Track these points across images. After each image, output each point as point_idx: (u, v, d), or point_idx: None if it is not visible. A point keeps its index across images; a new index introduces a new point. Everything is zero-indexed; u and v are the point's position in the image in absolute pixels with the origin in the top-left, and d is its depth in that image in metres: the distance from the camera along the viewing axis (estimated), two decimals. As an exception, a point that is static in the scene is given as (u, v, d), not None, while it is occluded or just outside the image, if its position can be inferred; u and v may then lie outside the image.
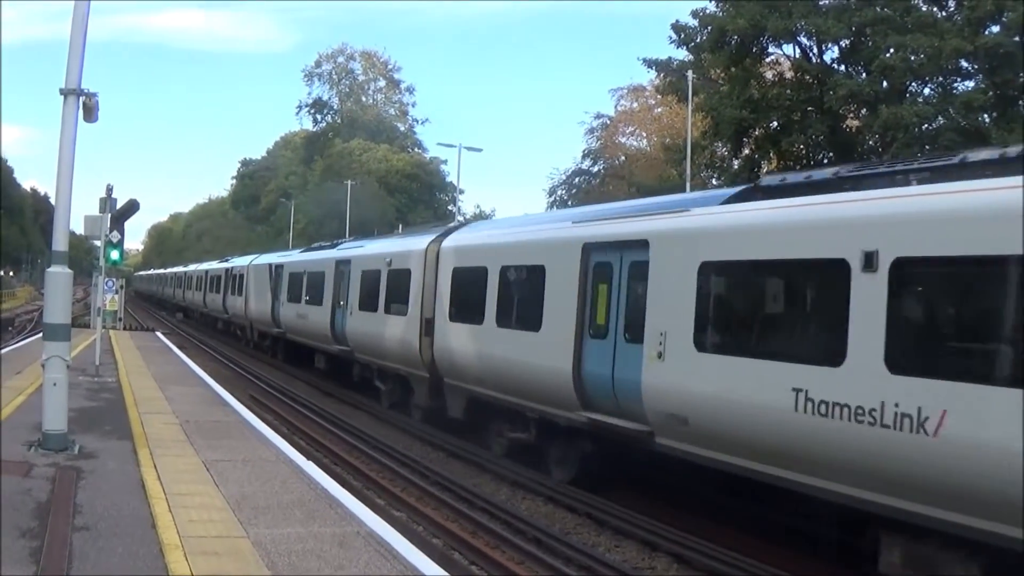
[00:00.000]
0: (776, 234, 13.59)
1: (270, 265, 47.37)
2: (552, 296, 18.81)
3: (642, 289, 16.12)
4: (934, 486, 10.71)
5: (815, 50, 49.97)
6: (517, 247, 21.27)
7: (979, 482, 10.23)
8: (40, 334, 22.09)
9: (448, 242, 25.26)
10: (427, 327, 25.15)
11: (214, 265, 70.70)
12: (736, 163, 53.92)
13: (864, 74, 45.27)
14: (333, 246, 39.77)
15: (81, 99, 15.14)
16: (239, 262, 59.37)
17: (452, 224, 33.87)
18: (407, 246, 28.60)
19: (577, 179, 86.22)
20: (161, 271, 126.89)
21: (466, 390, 22.85)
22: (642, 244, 16.23)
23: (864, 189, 12.74)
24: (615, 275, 17.16)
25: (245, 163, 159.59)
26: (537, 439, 19.96)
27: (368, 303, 30.73)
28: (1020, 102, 39.93)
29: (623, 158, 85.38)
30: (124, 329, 52.33)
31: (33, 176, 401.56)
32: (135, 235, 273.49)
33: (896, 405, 10.96)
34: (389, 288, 29.11)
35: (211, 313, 68.29)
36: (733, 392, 13.68)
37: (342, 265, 34.56)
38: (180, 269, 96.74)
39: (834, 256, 12.18)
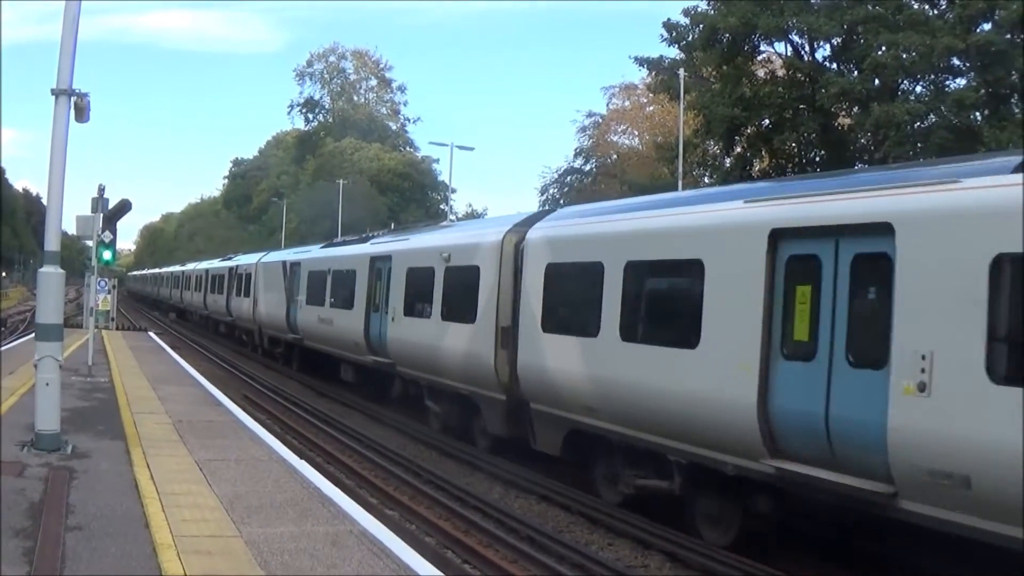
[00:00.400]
0: None
1: (284, 263, 42.41)
2: (716, 301, 14.18)
3: (881, 293, 11.87)
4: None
5: (807, 48, 50.05)
6: (653, 236, 16.30)
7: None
8: (33, 334, 22.02)
9: (537, 231, 20.05)
10: (504, 338, 20.65)
11: (216, 264, 63.72)
12: (728, 161, 53.99)
13: (856, 72, 45.32)
14: (365, 240, 34.15)
15: (72, 99, 15.17)
16: (245, 259, 54.11)
17: (538, 211, 26.70)
18: (474, 238, 23.63)
19: (569, 178, 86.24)
20: (156, 271, 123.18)
21: (566, 420, 18.10)
22: (879, 229, 11.85)
23: None
24: (826, 273, 12.58)
25: (237, 163, 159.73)
26: (682, 489, 15.45)
27: (417, 307, 25.75)
28: (1012, 100, 39.99)
29: (615, 156, 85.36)
30: (117, 329, 52.23)
31: (25, 177, 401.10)
32: (127, 235, 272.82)
33: None
34: (448, 289, 24.09)
35: (213, 316, 62.96)
36: None
37: (379, 262, 29.34)
38: (177, 268, 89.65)
39: None
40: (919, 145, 40.20)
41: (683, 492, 15.45)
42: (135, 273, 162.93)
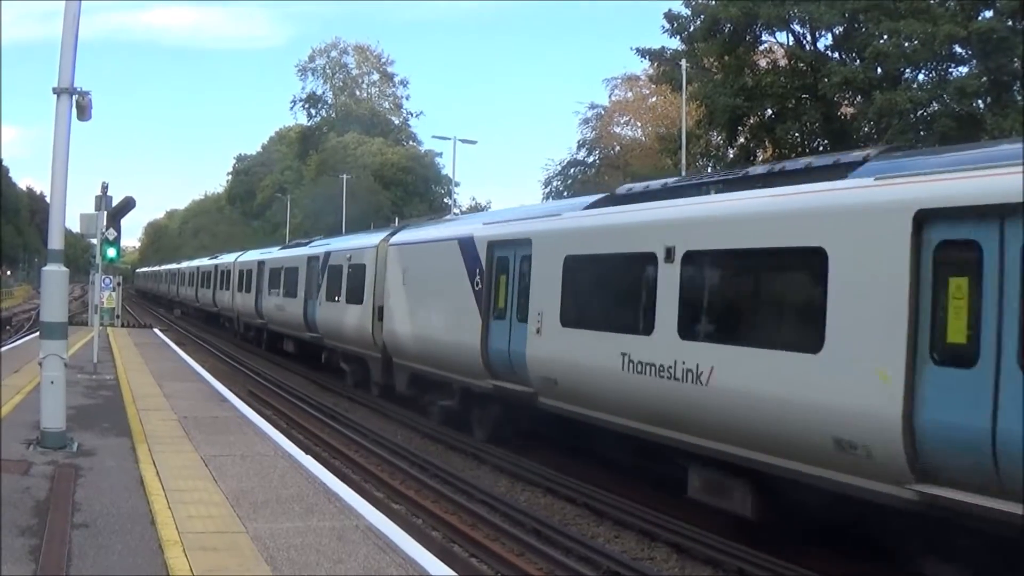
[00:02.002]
0: None
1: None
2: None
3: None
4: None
5: (808, 37, 49.97)
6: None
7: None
8: (38, 333, 22.05)
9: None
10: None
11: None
12: (731, 152, 53.95)
13: (858, 61, 45.22)
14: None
15: (74, 98, 15.16)
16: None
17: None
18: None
19: (573, 170, 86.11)
20: (158, 268, 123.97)
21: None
22: None
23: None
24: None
25: (240, 159, 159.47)
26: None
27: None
28: (1014, 87, 39.90)
29: (618, 148, 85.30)
30: (122, 326, 52.29)
31: (28, 176, 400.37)
32: (132, 233, 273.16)
33: None
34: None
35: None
36: None
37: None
38: (174, 266, 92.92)
39: None
40: (922, 133, 40.13)
41: None
42: (144, 270, 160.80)
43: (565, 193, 78.27)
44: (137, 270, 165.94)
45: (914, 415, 10.95)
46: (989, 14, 39.90)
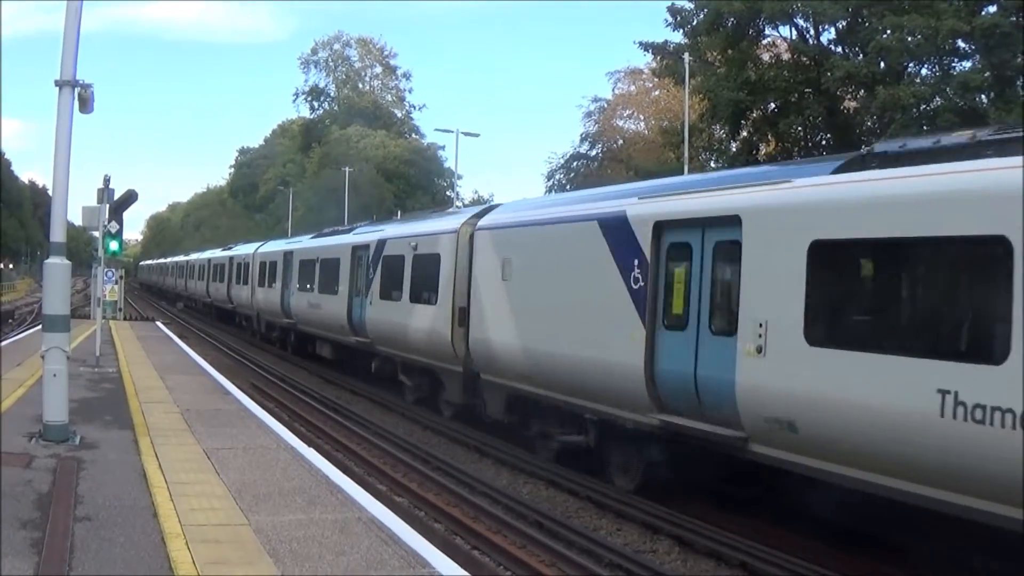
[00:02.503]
0: None
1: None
2: None
3: None
4: None
5: (812, 32, 49.93)
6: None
7: None
8: (40, 326, 22.06)
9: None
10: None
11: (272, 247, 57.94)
12: (734, 145, 53.91)
13: (861, 55, 45.22)
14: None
15: (76, 90, 15.15)
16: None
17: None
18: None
19: (575, 163, 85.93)
20: (163, 260, 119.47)
21: None
22: None
23: None
24: None
25: (243, 152, 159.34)
26: None
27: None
28: (1017, 82, 39.87)
29: (621, 141, 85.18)
30: (124, 319, 52.32)
31: (31, 169, 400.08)
32: (134, 226, 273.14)
33: None
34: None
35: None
36: None
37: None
38: (181, 258, 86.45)
39: None
40: (925, 128, 40.06)
41: None
42: (148, 263, 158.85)
43: (568, 187, 78.13)
44: (141, 263, 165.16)
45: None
46: (992, 9, 39.88)
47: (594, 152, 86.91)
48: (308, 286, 38.63)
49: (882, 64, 43.08)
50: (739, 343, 13.80)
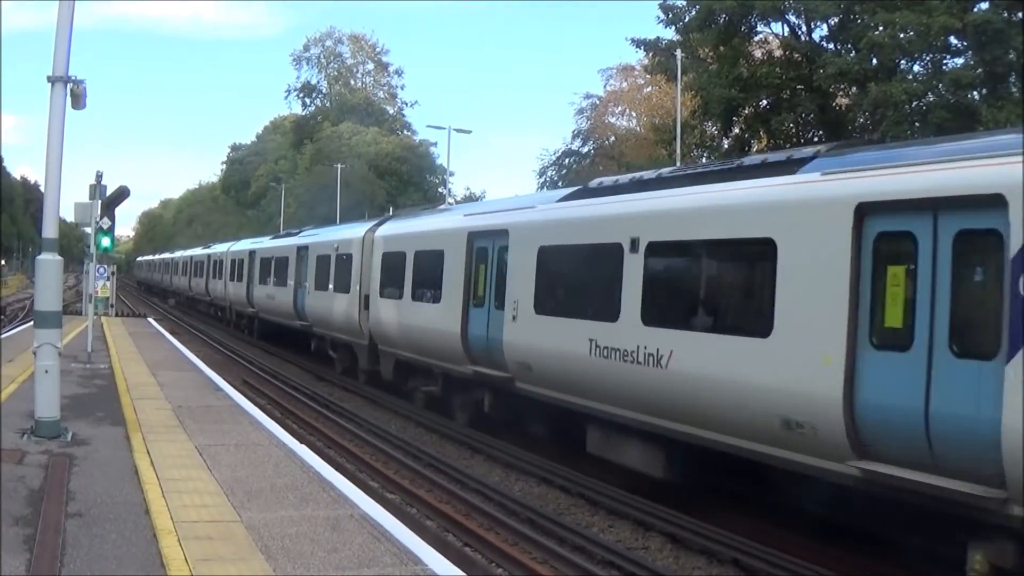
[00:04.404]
0: None
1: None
2: None
3: None
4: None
5: (804, 28, 49.86)
6: None
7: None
8: (32, 322, 22.05)
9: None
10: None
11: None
12: (726, 142, 53.90)
13: (853, 52, 45.11)
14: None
15: (68, 86, 15.13)
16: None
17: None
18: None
19: (567, 160, 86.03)
20: (170, 255, 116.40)
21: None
22: None
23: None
24: None
25: (235, 148, 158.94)
26: None
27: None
28: (1010, 79, 39.87)
29: (613, 138, 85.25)
30: (116, 316, 52.28)
31: (23, 165, 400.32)
32: (126, 222, 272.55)
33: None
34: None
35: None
36: None
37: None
38: (201, 251, 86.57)
39: None
40: (917, 124, 40.08)
41: None
42: (143, 259, 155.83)
43: (560, 183, 78.15)
44: (138, 258, 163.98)
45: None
46: (984, 5, 39.81)
47: (586, 149, 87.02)
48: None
49: (874, 61, 43.01)
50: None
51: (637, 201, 16.96)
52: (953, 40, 41.20)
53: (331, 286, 33.86)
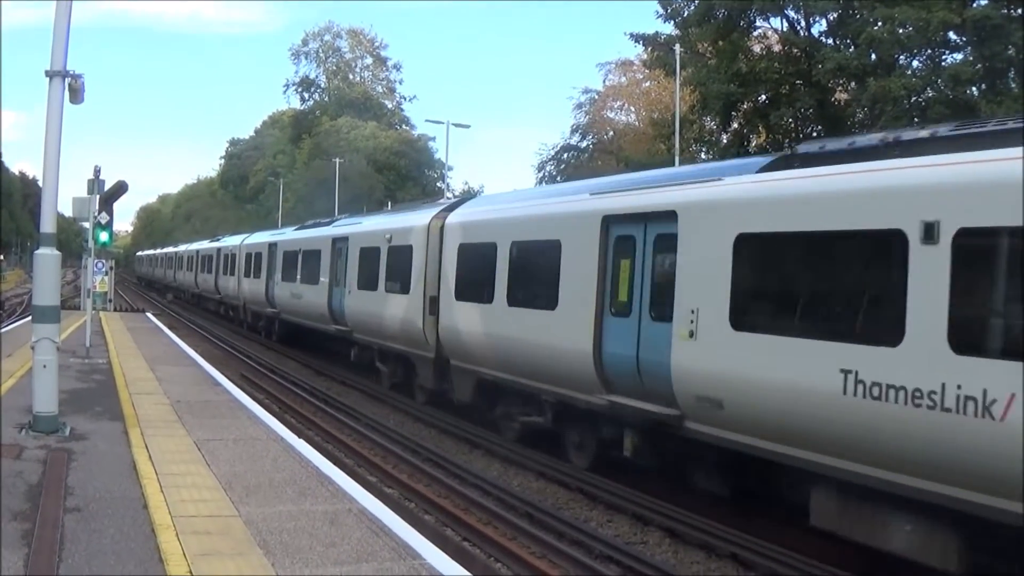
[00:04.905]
0: None
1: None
2: None
3: None
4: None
5: (802, 23, 49.94)
6: None
7: None
8: (30, 317, 22.05)
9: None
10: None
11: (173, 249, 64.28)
12: (725, 137, 53.92)
13: (852, 47, 45.17)
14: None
15: (67, 81, 15.12)
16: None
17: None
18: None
19: (566, 155, 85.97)
20: (175, 249, 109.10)
21: None
22: None
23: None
24: None
25: (233, 143, 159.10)
26: None
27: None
28: (1009, 74, 39.88)
29: (612, 133, 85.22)
30: (114, 311, 52.25)
31: (21, 160, 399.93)
32: (124, 217, 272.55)
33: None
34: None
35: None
36: None
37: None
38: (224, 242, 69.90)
39: None
40: (916, 119, 40.06)
41: None
42: (144, 253, 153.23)
43: (558, 178, 78.14)
44: (138, 253, 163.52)
45: None
46: (983, 1, 39.85)
47: (584, 144, 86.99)
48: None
49: (873, 56, 43.04)
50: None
51: (939, 167, 11.31)
52: (952, 35, 41.25)
53: (381, 285, 28.39)
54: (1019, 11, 37.77)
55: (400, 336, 26.36)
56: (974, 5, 39.74)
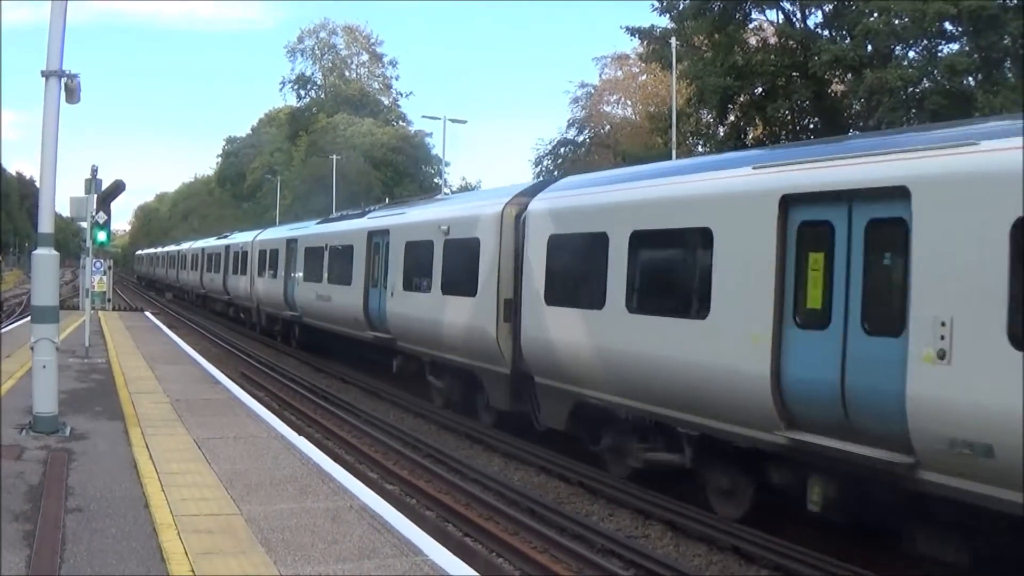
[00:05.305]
0: None
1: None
2: None
3: None
4: None
5: (798, 15, 49.87)
6: None
7: None
8: (29, 317, 22.04)
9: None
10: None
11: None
12: (722, 130, 53.89)
13: (848, 38, 45.15)
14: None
15: (63, 81, 15.12)
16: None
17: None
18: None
19: (563, 149, 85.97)
20: (180, 247, 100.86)
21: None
22: None
23: None
24: None
25: (230, 141, 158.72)
26: None
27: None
28: (1005, 64, 39.87)
29: (608, 127, 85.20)
30: (113, 310, 52.25)
31: (18, 160, 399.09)
32: (122, 216, 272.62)
33: None
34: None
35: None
36: None
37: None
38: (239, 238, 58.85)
39: None
40: (913, 111, 40.10)
41: None
42: (144, 252, 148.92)
43: (556, 173, 78.13)
44: (138, 252, 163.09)
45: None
46: (979, -9, 39.82)
47: (581, 138, 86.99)
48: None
49: (869, 47, 43.04)
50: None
51: None
52: (948, 26, 41.21)
53: (436, 285, 23.98)
54: (1014, 1, 37.77)
55: (462, 347, 22.48)
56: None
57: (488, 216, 21.64)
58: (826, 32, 48.60)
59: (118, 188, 28.40)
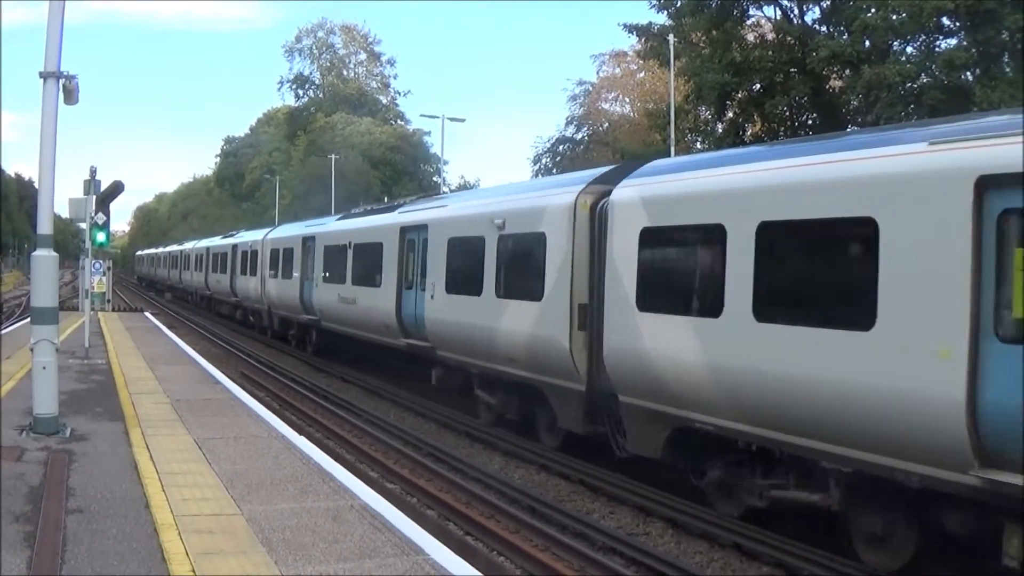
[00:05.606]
0: None
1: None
2: None
3: None
4: None
5: (796, 11, 49.83)
6: None
7: None
8: (29, 318, 22.05)
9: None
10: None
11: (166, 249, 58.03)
12: (720, 127, 53.85)
13: (846, 34, 45.11)
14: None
15: (61, 82, 15.12)
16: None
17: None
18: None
19: (561, 147, 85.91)
20: (184, 247, 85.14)
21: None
22: None
23: None
24: None
25: (228, 141, 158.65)
26: None
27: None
28: (1003, 59, 39.84)
29: (607, 124, 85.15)
30: (113, 311, 52.25)
31: (17, 161, 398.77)
32: (121, 217, 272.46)
33: None
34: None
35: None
36: None
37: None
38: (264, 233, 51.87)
39: None
40: (911, 106, 40.07)
41: None
42: (144, 253, 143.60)
43: (554, 170, 78.08)
44: (138, 252, 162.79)
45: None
46: (976, -15, 39.80)
47: (580, 135, 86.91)
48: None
49: (867, 43, 42.96)
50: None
51: None
52: (946, 21, 41.13)
53: (489, 288, 21.09)
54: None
55: (523, 358, 19.68)
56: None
57: (557, 207, 18.73)
58: (823, 28, 48.54)
59: (117, 189, 28.43)
